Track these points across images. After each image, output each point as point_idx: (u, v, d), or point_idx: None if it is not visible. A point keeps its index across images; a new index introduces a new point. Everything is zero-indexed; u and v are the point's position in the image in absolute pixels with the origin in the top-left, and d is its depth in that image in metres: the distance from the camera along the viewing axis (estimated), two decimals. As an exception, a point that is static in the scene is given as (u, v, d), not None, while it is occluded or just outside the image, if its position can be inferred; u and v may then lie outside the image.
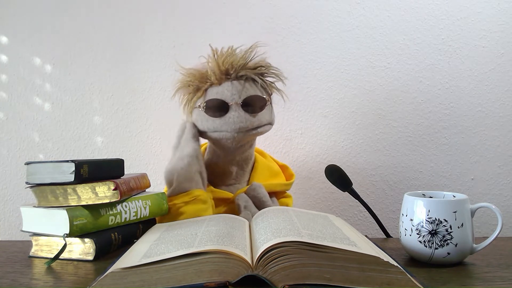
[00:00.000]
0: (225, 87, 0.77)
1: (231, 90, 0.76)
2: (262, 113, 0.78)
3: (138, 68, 1.10)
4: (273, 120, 0.83)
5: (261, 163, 0.86)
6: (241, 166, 0.84)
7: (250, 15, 1.08)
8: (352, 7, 1.07)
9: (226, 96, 0.76)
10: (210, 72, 0.77)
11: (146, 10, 1.10)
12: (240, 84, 0.77)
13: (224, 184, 0.84)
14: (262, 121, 0.78)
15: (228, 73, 0.77)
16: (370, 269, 0.47)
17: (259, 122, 0.77)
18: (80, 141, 1.11)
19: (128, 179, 0.71)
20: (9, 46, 1.12)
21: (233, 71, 0.77)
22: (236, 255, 0.48)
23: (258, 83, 0.78)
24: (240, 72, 0.77)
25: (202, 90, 0.78)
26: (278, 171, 0.88)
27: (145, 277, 0.47)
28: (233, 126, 0.75)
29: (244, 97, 0.76)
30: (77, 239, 0.64)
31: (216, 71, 0.77)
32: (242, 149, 0.81)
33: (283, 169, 0.90)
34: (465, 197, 0.60)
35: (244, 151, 0.82)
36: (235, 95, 0.76)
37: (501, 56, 1.05)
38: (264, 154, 0.91)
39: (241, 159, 0.83)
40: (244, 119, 0.75)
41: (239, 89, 0.76)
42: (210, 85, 0.78)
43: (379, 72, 1.07)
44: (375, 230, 1.01)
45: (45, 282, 0.55)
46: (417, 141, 1.07)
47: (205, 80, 0.78)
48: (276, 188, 0.85)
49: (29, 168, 0.66)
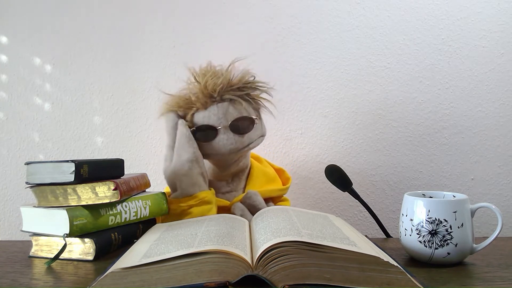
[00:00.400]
0: (211, 112, 0.77)
1: (217, 114, 0.76)
2: (252, 132, 0.79)
3: (138, 68, 1.10)
4: (264, 132, 0.83)
5: (257, 169, 0.86)
6: (236, 174, 0.84)
7: (250, 15, 1.08)
8: (352, 7, 1.07)
9: (213, 121, 0.76)
10: (194, 98, 0.77)
11: (146, 10, 1.10)
12: (226, 105, 0.76)
13: (220, 192, 0.84)
14: (252, 138, 0.79)
15: (212, 96, 0.77)
16: (370, 269, 0.47)
17: (250, 140, 0.78)
18: (80, 141, 1.11)
19: (128, 179, 0.71)
20: (9, 46, 1.12)
21: (217, 94, 0.76)
22: (236, 255, 0.48)
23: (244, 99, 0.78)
24: (224, 94, 0.76)
25: (189, 115, 0.78)
26: (274, 176, 0.88)
27: (145, 277, 0.47)
28: (223, 150, 0.77)
29: (231, 119, 0.76)
30: (77, 239, 0.64)
31: (200, 96, 0.77)
32: (236, 163, 0.82)
33: (280, 173, 0.90)
34: (465, 197, 0.60)
35: (239, 163, 0.82)
36: (222, 118, 0.76)
37: (501, 56, 1.05)
38: (260, 159, 0.91)
39: (235, 169, 0.83)
40: (234, 141, 0.76)
41: (224, 111, 0.76)
42: (196, 110, 0.78)
43: (379, 72, 1.07)
44: (375, 230, 1.01)
45: (45, 282, 0.55)
46: (417, 141, 1.07)
47: (191, 107, 0.78)
48: (272, 194, 0.85)
49: (29, 168, 0.66)
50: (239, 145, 0.77)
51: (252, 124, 0.78)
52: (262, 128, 0.82)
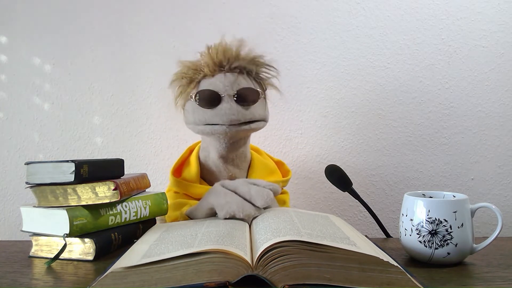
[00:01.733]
0: (218, 79, 0.76)
1: (224, 81, 0.75)
2: (255, 107, 0.77)
3: (138, 68, 1.10)
4: (267, 116, 0.81)
5: (258, 161, 0.86)
6: (236, 165, 0.82)
7: (250, 15, 1.08)
8: (352, 7, 1.07)
9: (219, 88, 0.75)
10: (203, 64, 0.77)
11: (146, 10, 1.10)
12: (234, 76, 0.76)
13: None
14: (255, 115, 0.76)
15: (222, 65, 0.76)
16: (370, 269, 0.47)
17: (252, 116, 0.76)
18: (80, 141, 1.11)
19: (128, 179, 0.71)
20: (9, 46, 1.12)
21: (227, 62, 0.76)
22: (236, 255, 0.48)
23: (252, 76, 0.78)
24: (234, 63, 0.76)
25: (195, 81, 0.78)
26: (274, 168, 0.87)
27: (145, 277, 0.47)
28: (224, 118, 0.74)
29: (237, 89, 0.75)
30: (77, 239, 0.64)
31: (209, 63, 0.76)
32: (235, 146, 0.79)
33: (279, 165, 0.89)
34: (465, 197, 0.60)
35: (238, 148, 0.80)
36: (227, 86, 0.75)
37: (501, 56, 1.05)
38: (260, 151, 0.90)
39: (236, 156, 0.81)
40: (236, 111, 0.74)
41: (232, 80, 0.75)
42: (204, 77, 0.77)
43: (379, 72, 1.07)
44: (375, 230, 1.01)
45: (45, 282, 0.55)
46: (417, 141, 1.07)
47: (199, 72, 0.77)
48: None
49: (29, 168, 0.66)
50: (240, 116, 0.74)
51: (257, 98, 0.77)
52: (265, 110, 0.80)
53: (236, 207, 0.66)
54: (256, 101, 0.77)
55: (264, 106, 0.80)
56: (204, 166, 0.83)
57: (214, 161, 0.81)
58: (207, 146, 0.82)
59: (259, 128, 0.80)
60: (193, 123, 0.78)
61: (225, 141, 0.77)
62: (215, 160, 0.81)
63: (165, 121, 1.10)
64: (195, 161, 0.82)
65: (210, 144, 0.80)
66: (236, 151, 0.81)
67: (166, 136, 1.10)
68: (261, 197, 0.68)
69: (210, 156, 0.82)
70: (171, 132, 1.10)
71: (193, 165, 0.82)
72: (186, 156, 0.86)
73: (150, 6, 1.10)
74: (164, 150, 1.10)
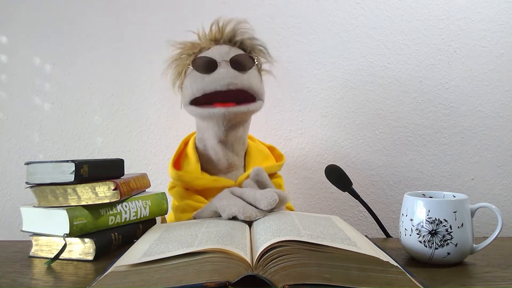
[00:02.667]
0: (214, 49, 0.78)
1: (220, 50, 0.78)
2: (250, 75, 0.77)
3: (138, 68, 1.10)
4: (263, 94, 0.81)
5: (254, 147, 0.86)
6: (236, 152, 0.82)
7: (250, 15, 1.08)
8: (352, 7, 1.07)
9: (215, 55, 0.77)
10: (200, 38, 0.81)
11: (146, 10, 1.10)
12: (228, 46, 0.79)
13: (221, 172, 0.82)
14: (251, 82, 0.76)
15: (217, 39, 0.80)
16: (370, 269, 0.47)
17: (249, 83, 0.76)
18: (80, 141, 1.11)
19: (128, 179, 0.71)
20: (9, 46, 1.12)
21: (221, 36, 0.79)
22: (236, 255, 0.48)
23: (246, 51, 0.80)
24: (229, 37, 0.79)
25: (193, 55, 0.79)
26: (268, 153, 0.88)
27: (145, 277, 0.47)
28: (222, 82, 0.74)
29: (232, 54, 0.77)
30: (77, 239, 0.64)
31: (205, 39, 0.80)
32: (234, 130, 0.79)
33: (271, 150, 0.89)
34: (465, 197, 0.60)
35: (237, 133, 0.80)
36: (224, 53, 0.77)
37: (501, 56, 1.05)
38: (253, 138, 0.90)
39: (235, 141, 0.81)
40: (233, 75, 0.75)
41: (227, 49, 0.78)
42: (200, 50, 0.79)
43: (379, 72, 1.07)
44: (375, 230, 1.01)
45: (45, 282, 0.55)
46: (417, 141, 1.07)
47: (196, 46, 0.80)
48: (271, 170, 0.83)
49: (29, 168, 0.66)
50: (237, 81, 0.75)
51: (252, 64, 0.78)
52: (261, 85, 0.81)
53: (237, 209, 0.66)
54: (251, 68, 0.78)
55: (260, 79, 0.81)
56: (202, 155, 0.82)
57: (213, 148, 0.80)
58: (203, 135, 0.81)
59: (257, 109, 0.79)
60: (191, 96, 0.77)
61: (223, 124, 0.77)
62: (214, 147, 0.80)
63: (165, 121, 1.10)
64: (192, 152, 0.82)
65: (207, 131, 0.80)
66: (235, 137, 0.80)
67: (166, 136, 1.10)
68: (265, 198, 0.67)
69: (208, 144, 0.81)
70: (171, 132, 1.10)
71: (191, 156, 0.82)
72: (182, 148, 0.86)
73: (150, 6, 1.10)
74: (164, 150, 1.10)
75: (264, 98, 0.81)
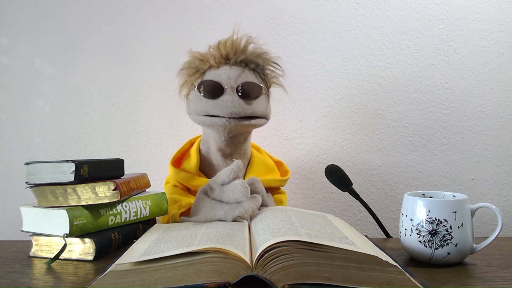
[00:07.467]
0: (222, 70, 0.76)
1: (228, 74, 0.75)
2: (257, 103, 0.76)
3: (138, 68, 1.10)
4: (268, 114, 0.81)
5: (257, 159, 0.85)
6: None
7: (250, 15, 1.08)
8: (352, 7, 1.07)
9: (222, 79, 0.75)
10: (210, 55, 0.78)
11: (146, 10, 1.10)
12: (239, 69, 0.76)
13: None
14: (256, 111, 0.76)
15: (228, 57, 0.77)
16: (369, 268, 0.47)
17: (253, 111, 0.76)
18: (80, 141, 1.11)
19: (128, 179, 0.71)
20: (9, 46, 1.12)
21: (233, 54, 0.77)
22: (235, 255, 0.48)
23: (257, 71, 0.78)
24: (240, 56, 0.77)
25: (200, 71, 0.78)
26: (273, 167, 0.87)
27: (144, 276, 0.47)
28: (225, 110, 0.74)
29: (240, 82, 0.75)
30: (77, 239, 0.64)
31: (216, 55, 0.77)
32: (235, 141, 0.79)
33: (278, 165, 0.89)
34: (465, 197, 0.60)
35: (237, 144, 0.80)
36: (231, 79, 0.75)
37: (501, 56, 1.05)
38: (260, 149, 0.90)
39: (235, 152, 0.81)
40: (237, 105, 0.74)
41: (236, 74, 0.75)
42: (209, 68, 0.78)
43: (379, 72, 1.07)
44: (375, 230, 1.01)
45: (45, 282, 0.55)
46: (417, 141, 1.07)
47: (205, 62, 0.78)
48: (271, 183, 0.83)
49: (29, 168, 0.66)
50: (241, 110, 0.74)
51: (259, 94, 0.77)
52: (267, 108, 0.80)
53: (238, 210, 0.66)
54: (259, 97, 0.77)
55: (267, 103, 0.80)
56: (204, 158, 0.83)
57: (214, 154, 0.81)
58: (208, 138, 0.81)
59: (260, 125, 0.79)
60: (194, 113, 0.78)
61: (224, 134, 0.77)
62: (214, 153, 0.81)
63: (165, 121, 1.10)
64: (195, 153, 0.83)
65: (210, 136, 0.80)
66: (235, 146, 0.80)
67: (166, 136, 1.10)
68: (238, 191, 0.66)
69: (210, 149, 0.82)
70: (171, 132, 1.10)
71: (193, 157, 0.82)
72: (187, 148, 0.87)
73: (150, 6, 1.10)
74: (164, 150, 1.10)
75: (270, 116, 0.82)
